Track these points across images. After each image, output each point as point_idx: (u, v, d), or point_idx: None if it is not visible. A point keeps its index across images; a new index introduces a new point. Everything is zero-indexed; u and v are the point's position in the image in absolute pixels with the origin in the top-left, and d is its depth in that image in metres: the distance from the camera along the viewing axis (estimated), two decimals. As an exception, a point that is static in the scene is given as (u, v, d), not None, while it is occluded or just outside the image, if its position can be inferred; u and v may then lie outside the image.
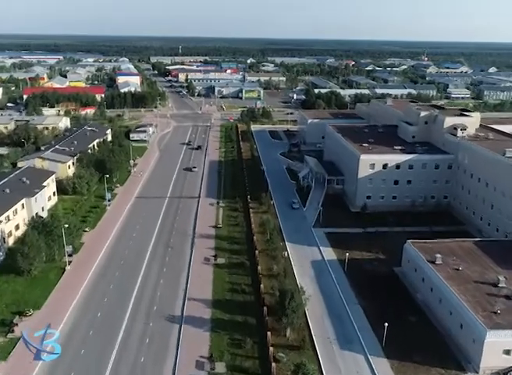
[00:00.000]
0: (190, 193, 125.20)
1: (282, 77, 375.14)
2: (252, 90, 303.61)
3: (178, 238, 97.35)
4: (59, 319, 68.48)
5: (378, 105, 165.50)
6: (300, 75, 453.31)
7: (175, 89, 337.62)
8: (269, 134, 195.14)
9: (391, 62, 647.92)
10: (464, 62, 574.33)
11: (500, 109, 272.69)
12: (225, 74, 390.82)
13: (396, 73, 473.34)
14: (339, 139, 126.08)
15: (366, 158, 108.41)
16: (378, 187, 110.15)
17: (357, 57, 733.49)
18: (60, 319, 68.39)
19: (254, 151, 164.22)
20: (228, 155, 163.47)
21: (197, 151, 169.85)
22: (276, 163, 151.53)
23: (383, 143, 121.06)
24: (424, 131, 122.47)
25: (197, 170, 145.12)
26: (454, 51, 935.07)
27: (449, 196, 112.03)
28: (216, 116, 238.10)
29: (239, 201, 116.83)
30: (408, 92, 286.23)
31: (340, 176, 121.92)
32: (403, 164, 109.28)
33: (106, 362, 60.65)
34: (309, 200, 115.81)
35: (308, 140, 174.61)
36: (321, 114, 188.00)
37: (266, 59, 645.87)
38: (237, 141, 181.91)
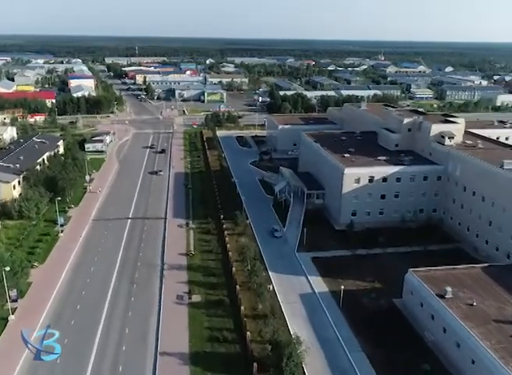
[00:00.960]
0: (155, 212, 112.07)
1: (244, 79, 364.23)
2: (214, 92, 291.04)
3: (144, 271, 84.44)
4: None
5: (352, 110, 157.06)
6: (262, 76, 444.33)
7: (132, 92, 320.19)
8: (237, 141, 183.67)
9: (350, 61, 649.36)
10: (423, 62, 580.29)
11: (464, 110, 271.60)
12: (185, 76, 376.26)
13: (357, 73, 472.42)
14: (318, 149, 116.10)
15: (351, 173, 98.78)
16: (363, 202, 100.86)
17: (316, 57, 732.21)
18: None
19: (223, 161, 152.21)
20: (194, 165, 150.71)
21: (161, 161, 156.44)
22: (248, 174, 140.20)
23: (365, 153, 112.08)
24: (408, 139, 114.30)
25: (162, 174, 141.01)
26: (409, 51, 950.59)
27: (438, 210, 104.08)
28: (178, 122, 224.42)
29: (211, 221, 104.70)
30: (374, 93, 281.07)
31: (320, 189, 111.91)
32: (390, 177, 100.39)
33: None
34: (289, 218, 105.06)
35: (279, 147, 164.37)
36: (291, 119, 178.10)
37: (226, 60, 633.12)
38: (203, 149, 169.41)
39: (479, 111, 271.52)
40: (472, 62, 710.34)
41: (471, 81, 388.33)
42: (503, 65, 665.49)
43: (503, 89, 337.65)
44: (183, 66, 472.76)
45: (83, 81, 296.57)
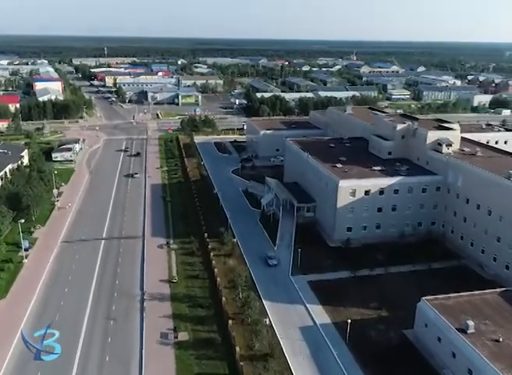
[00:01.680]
0: (131, 230, 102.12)
1: (219, 80, 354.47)
2: (189, 95, 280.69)
3: (122, 303, 74.83)
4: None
5: (337, 114, 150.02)
6: (236, 77, 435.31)
7: (102, 95, 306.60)
8: (215, 147, 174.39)
9: (324, 62, 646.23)
10: (396, 62, 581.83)
11: (443, 111, 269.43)
12: (157, 77, 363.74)
13: (331, 73, 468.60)
14: (307, 159, 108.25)
15: (346, 185, 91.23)
16: (359, 216, 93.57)
17: (288, 57, 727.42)
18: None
19: (203, 170, 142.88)
20: (172, 175, 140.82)
21: (136, 166, 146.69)
22: (230, 184, 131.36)
23: (357, 162, 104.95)
24: (402, 147, 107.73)
25: (138, 176, 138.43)
26: (379, 51, 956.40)
27: (437, 222, 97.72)
28: (152, 126, 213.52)
29: (194, 240, 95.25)
30: (352, 95, 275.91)
31: (311, 202, 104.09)
32: (387, 189, 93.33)
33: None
34: (279, 235, 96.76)
35: (261, 153, 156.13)
36: (272, 123, 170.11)
37: (198, 60, 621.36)
38: (181, 156, 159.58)
39: (457, 112, 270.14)
40: (443, 61, 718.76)
41: (445, 81, 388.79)
42: (473, 64, 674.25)
43: (477, 89, 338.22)
44: (154, 67, 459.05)
45: (49, 84, 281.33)
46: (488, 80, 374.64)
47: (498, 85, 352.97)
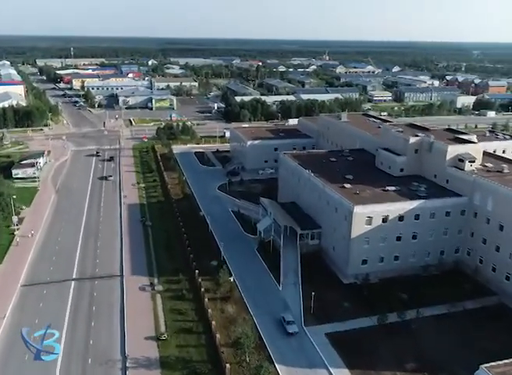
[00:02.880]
0: (107, 267, 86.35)
1: (194, 82, 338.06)
2: (163, 98, 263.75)
3: (97, 374, 59.55)
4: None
5: (331, 123, 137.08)
6: (210, 78, 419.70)
7: (69, 99, 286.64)
8: (196, 158, 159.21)
9: (298, 62, 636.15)
10: (371, 62, 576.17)
11: (428, 113, 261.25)
12: (128, 79, 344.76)
13: (308, 74, 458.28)
14: (308, 177, 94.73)
15: (362, 212, 78.04)
16: (376, 247, 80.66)
17: (261, 57, 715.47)
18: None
19: (185, 187, 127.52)
20: (151, 194, 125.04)
21: (111, 185, 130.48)
22: (218, 204, 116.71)
23: (366, 180, 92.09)
24: (415, 162, 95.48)
25: (112, 179, 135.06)
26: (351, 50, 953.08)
27: (461, 250, 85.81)
28: (126, 134, 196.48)
29: (183, 278, 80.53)
30: (335, 97, 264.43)
31: (316, 228, 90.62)
32: (407, 214, 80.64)
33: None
34: (282, 270, 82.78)
35: (249, 166, 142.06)
36: (258, 132, 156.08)
37: (169, 60, 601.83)
38: (159, 170, 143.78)
39: (442, 114, 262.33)
40: (415, 61, 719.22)
41: (423, 82, 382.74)
42: (446, 64, 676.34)
43: (458, 90, 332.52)
44: (124, 69, 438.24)
45: (10, 88, 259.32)
46: (467, 81, 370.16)
47: (478, 86, 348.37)
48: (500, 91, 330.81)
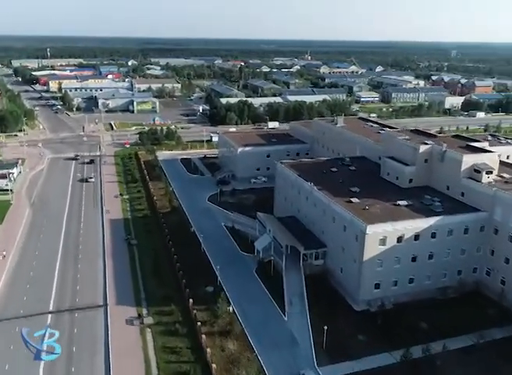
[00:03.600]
0: (88, 295, 76.78)
1: (176, 83, 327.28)
2: (145, 101, 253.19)
3: None
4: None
5: (328, 128, 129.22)
6: (193, 79, 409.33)
7: (46, 102, 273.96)
8: (183, 165, 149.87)
9: (280, 62, 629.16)
10: (355, 62, 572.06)
11: (418, 114, 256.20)
12: (108, 81, 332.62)
13: (291, 74, 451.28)
14: (311, 190, 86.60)
15: (375, 232, 70.20)
16: (390, 269, 72.97)
17: (242, 57, 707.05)
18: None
19: (172, 198, 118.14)
20: (136, 206, 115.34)
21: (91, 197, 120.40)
22: (209, 218, 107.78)
23: (373, 193, 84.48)
24: (425, 173, 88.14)
25: (93, 180, 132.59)
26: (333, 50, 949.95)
27: (479, 269, 78.80)
28: (106, 140, 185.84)
29: (175, 309, 71.67)
30: (323, 99, 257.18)
31: (320, 246, 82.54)
32: (423, 233, 73.12)
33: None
34: (286, 296, 74.44)
35: (240, 174, 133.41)
36: (248, 137, 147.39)
37: (149, 61, 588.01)
38: (143, 180, 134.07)
39: (431, 115, 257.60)
40: (397, 61, 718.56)
41: (408, 82, 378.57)
42: (427, 64, 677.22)
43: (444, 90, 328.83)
44: (103, 69, 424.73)
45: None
46: (453, 81, 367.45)
47: (464, 86, 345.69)
48: (487, 91, 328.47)
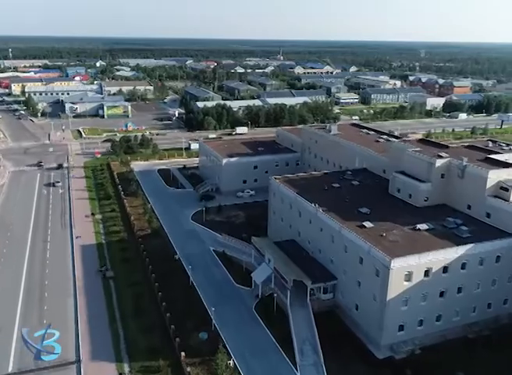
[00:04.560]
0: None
1: (148, 86, 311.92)
2: (116, 105, 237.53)
3: None
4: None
5: (321, 136, 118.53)
6: (165, 80, 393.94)
7: (8, 107, 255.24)
8: (160, 177, 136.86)
9: (254, 62, 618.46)
10: (329, 62, 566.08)
11: (400, 116, 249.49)
12: (75, 83, 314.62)
13: (267, 75, 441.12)
14: (316, 213, 75.57)
15: (401, 267, 59.62)
16: (416, 307, 62.62)
17: (213, 57, 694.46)
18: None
19: (152, 217, 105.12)
20: (110, 229, 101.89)
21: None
22: (195, 241, 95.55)
23: (386, 214, 74.41)
24: (442, 190, 78.41)
25: (61, 185, 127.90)
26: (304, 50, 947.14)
27: (510, 301, 69.39)
28: (75, 149, 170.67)
29: (163, 365, 59.43)
30: (304, 101, 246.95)
31: (330, 278, 71.64)
32: (453, 264, 63.05)
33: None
34: (296, 345, 62.96)
35: (225, 187, 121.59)
36: (233, 146, 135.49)
37: (118, 62, 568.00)
38: (117, 195, 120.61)
39: (414, 117, 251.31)
40: (369, 61, 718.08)
41: (386, 82, 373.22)
42: (400, 64, 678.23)
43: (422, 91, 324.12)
44: (70, 71, 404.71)
45: None
46: (431, 81, 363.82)
47: (442, 86, 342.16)
48: (465, 92, 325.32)
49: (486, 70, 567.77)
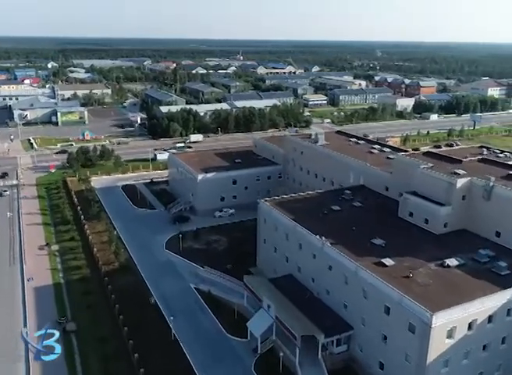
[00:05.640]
0: None
1: (106, 89, 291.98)
2: (71, 111, 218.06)
3: None
4: None
5: (307, 147, 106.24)
6: (123, 83, 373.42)
7: None
8: (126, 195, 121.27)
9: (215, 62, 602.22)
10: (292, 62, 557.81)
11: (372, 118, 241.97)
12: (25, 87, 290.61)
13: (230, 76, 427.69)
14: (322, 247, 63.30)
15: (443, 323, 48.05)
16: (457, 367, 51.34)
17: (171, 57, 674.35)
18: None
19: (119, 247, 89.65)
20: (70, 263, 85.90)
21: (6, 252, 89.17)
22: (172, 276, 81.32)
23: (404, 246, 63.41)
24: (462, 213, 67.85)
25: (8, 194, 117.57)
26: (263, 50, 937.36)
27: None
28: (25, 162, 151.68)
29: None
30: (273, 104, 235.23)
31: (344, 329, 59.48)
32: (498, 312, 52.12)
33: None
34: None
35: (200, 206, 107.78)
36: (206, 158, 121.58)
37: (72, 63, 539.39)
38: (77, 219, 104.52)
39: (385, 118, 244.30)
40: (330, 60, 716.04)
41: (351, 83, 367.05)
42: (360, 63, 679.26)
43: (390, 91, 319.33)
44: (18, 73, 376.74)
45: None
46: (397, 81, 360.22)
47: (409, 86, 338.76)
48: (432, 92, 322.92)
49: (445, 69, 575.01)
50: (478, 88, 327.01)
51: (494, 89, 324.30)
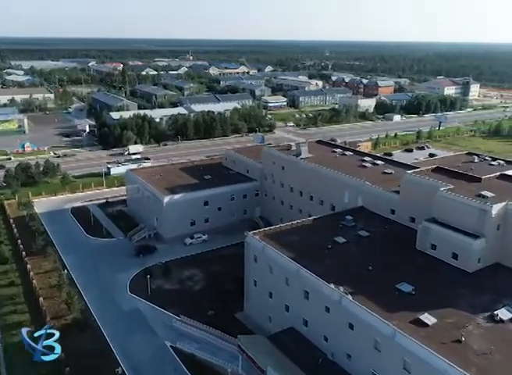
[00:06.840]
0: None
1: (48, 93, 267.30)
2: (8, 119, 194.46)
3: None
4: None
5: (290, 161, 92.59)
6: (67, 86, 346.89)
7: None
8: (77, 220, 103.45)
9: (164, 63, 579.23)
10: (245, 62, 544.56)
11: (336, 120, 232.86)
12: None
13: (181, 77, 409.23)
14: (340, 300, 50.07)
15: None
16: None
17: (118, 58, 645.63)
18: None
19: (71, 293, 72.69)
20: (8, 319, 67.56)
21: None
22: (141, 331, 65.46)
23: (438, 292, 51.18)
24: (496, 246, 56.60)
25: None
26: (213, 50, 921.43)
27: None
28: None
29: None
30: (234, 107, 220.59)
31: (374, 406, 46.51)
32: None
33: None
34: None
35: (167, 233, 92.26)
36: (172, 176, 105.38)
37: (9, 64, 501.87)
38: (17, 256, 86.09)
39: (349, 120, 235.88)
40: (281, 60, 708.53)
41: (308, 83, 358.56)
42: (312, 63, 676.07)
43: (348, 91, 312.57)
44: None
45: None
46: (355, 81, 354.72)
47: (367, 86, 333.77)
48: (390, 91, 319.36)
49: (395, 68, 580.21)
50: (434, 87, 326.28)
51: (450, 88, 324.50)
